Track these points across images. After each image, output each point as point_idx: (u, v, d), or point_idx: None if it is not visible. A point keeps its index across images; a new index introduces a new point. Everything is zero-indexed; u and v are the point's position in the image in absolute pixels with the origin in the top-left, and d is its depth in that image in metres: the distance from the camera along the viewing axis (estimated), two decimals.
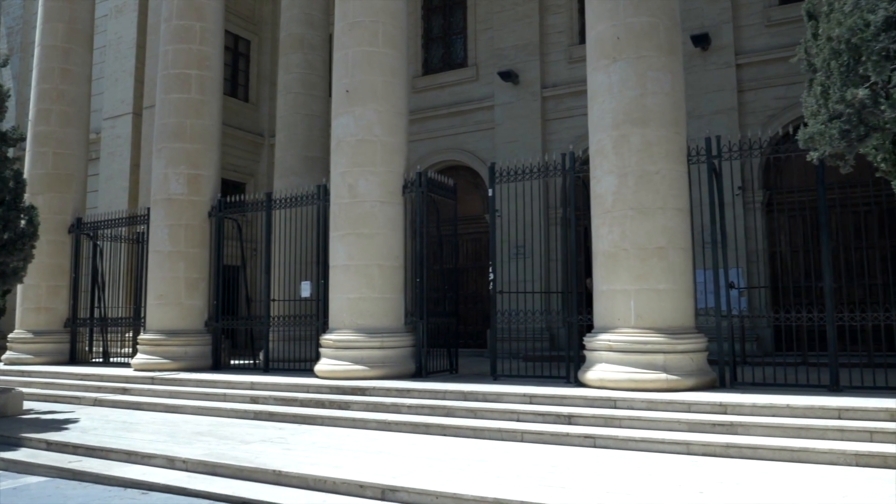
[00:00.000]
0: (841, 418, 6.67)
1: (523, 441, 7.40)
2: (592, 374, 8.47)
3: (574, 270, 9.54)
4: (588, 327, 9.19)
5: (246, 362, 13.06)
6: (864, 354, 9.77)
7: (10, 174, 9.98)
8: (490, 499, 5.18)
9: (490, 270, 10.22)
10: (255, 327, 13.09)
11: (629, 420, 7.30)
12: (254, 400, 9.90)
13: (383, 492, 5.66)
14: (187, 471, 6.79)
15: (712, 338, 8.63)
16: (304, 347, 11.85)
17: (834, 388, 7.84)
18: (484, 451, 6.92)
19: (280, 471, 6.27)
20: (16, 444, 8.23)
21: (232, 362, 13.15)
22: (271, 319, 12.14)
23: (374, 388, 9.35)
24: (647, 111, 8.57)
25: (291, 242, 12.09)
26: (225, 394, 10.33)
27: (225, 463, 6.64)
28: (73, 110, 15.32)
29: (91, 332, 15.13)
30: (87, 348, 15.09)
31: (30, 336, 14.51)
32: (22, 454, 7.76)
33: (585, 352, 8.83)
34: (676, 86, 8.83)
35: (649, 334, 8.20)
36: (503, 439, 7.51)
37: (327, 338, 10.46)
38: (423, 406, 8.60)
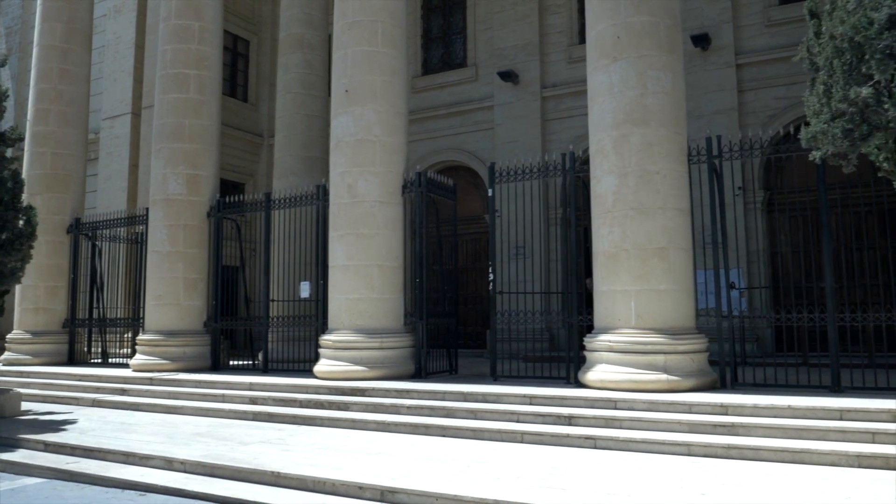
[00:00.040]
0: (843, 419, 6.64)
1: (523, 442, 7.37)
2: (593, 375, 8.44)
3: (574, 271, 9.51)
4: (588, 328, 9.16)
5: (245, 363, 13.02)
6: (865, 355, 9.75)
7: (9, 174, 9.96)
8: (490, 500, 5.15)
9: (490, 271, 10.19)
10: (254, 328, 13.06)
11: (630, 421, 7.27)
12: (253, 401, 9.87)
13: (382, 493, 5.63)
14: (185, 472, 6.76)
15: (713, 338, 8.60)
16: (304, 348, 11.82)
17: (835, 389, 7.80)
18: (484, 452, 6.89)
19: (279, 472, 6.24)
20: (13, 445, 8.19)
21: (231, 363, 13.12)
22: (270, 320, 12.11)
23: (374, 389, 9.32)
24: (648, 111, 8.54)
25: (290, 243, 12.06)
26: (224, 394, 10.30)
27: (223, 464, 6.61)
28: (72, 110, 15.29)
29: (90, 333, 15.10)
30: (86, 349, 15.06)
31: (28, 336, 14.49)
32: (19, 455, 7.73)
33: (586, 352, 8.80)
34: (677, 85, 8.80)
35: (650, 335, 8.17)
36: (503, 440, 7.49)
37: (326, 338, 10.43)
38: (423, 407, 8.57)
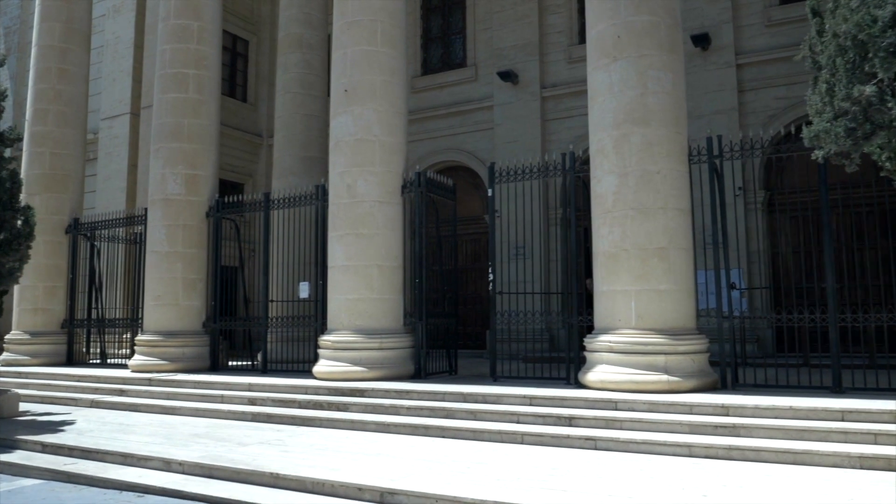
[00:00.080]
0: (844, 420, 6.60)
1: (523, 443, 7.34)
2: (593, 376, 8.40)
3: (574, 271, 9.48)
4: (588, 328, 9.13)
5: (244, 363, 12.99)
6: (866, 356, 9.71)
7: (7, 174, 9.92)
8: (490, 502, 5.11)
9: (489, 271, 10.16)
10: (254, 328, 13.02)
11: (630, 422, 7.23)
12: (252, 401, 9.83)
13: (382, 495, 5.60)
14: (184, 473, 6.72)
15: (713, 339, 8.57)
16: (303, 348, 11.78)
17: (836, 390, 7.77)
18: (483, 454, 6.86)
19: (278, 473, 6.20)
20: (11, 446, 8.15)
21: (230, 363, 13.09)
22: (269, 320, 12.08)
23: (373, 390, 9.28)
24: (648, 110, 8.51)
25: (290, 243, 12.02)
26: (222, 395, 10.26)
27: (222, 465, 6.57)
28: (71, 110, 15.27)
29: (88, 333, 15.07)
30: (85, 349, 15.03)
31: (27, 337, 14.46)
32: (17, 456, 7.69)
33: (586, 353, 8.77)
34: (678, 85, 8.77)
35: (650, 335, 8.14)
36: (503, 441, 7.45)
37: (326, 339, 10.40)
38: (423, 408, 8.53)
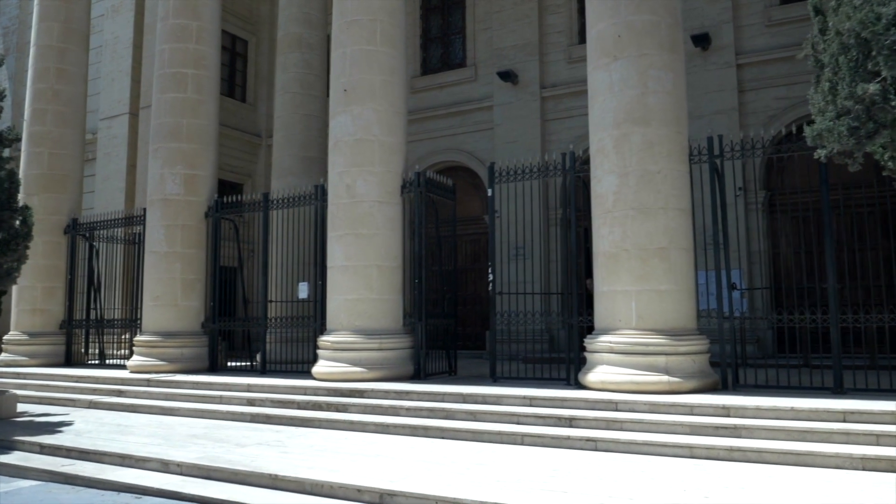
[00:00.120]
0: (846, 421, 6.57)
1: (523, 444, 7.30)
2: (593, 376, 8.37)
3: (574, 271, 9.45)
4: (588, 329, 9.09)
5: (243, 364, 12.95)
6: (867, 356, 9.67)
7: (5, 174, 9.89)
8: (490, 503, 5.08)
9: (489, 271, 10.13)
10: (253, 329, 12.98)
11: (631, 423, 7.20)
12: (250, 402, 9.79)
13: (381, 496, 5.56)
14: (182, 474, 6.68)
15: (714, 339, 8.54)
16: (302, 349, 11.74)
17: (838, 391, 7.74)
18: (483, 455, 6.82)
19: (276, 475, 6.17)
20: (8, 447, 8.11)
21: (229, 364, 13.05)
22: (269, 321, 12.05)
23: (373, 391, 9.25)
24: (649, 110, 8.48)
25: (289, 243, 11.99)
26: (221, 396, 10.21)
27: (220, 466, 6.54)
28: (69, 110, 15.24)
29: (87, 334, 15.03)
30: (83, 350, 14.98)
31: (25, 338, 14.42)
32: (14, 457, 7.65)
33: (586, 353, 8.73)
34: (678, 84, 8.74)
35: (651, 336, 8.11)
36: (503, 442, 7.42)
37: (325, 339, 10.36)
38: (422, 408, 8.49)
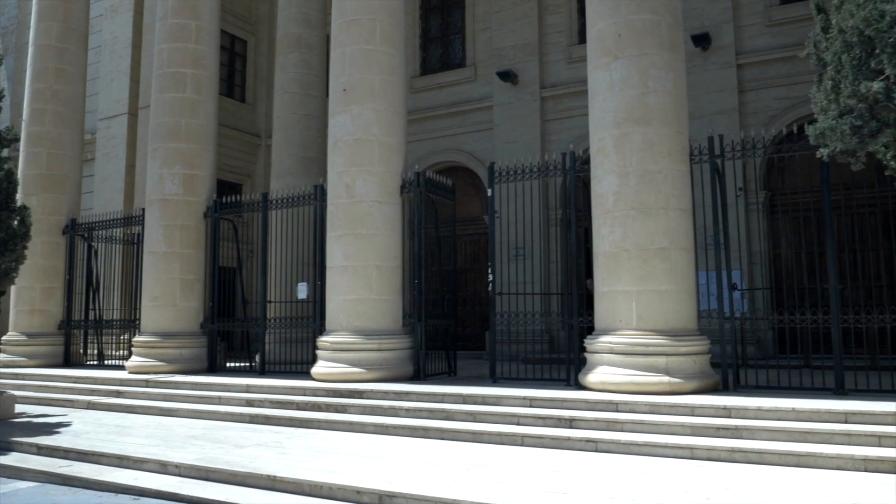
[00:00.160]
0: (848, 422, 6.53)
1: (523, 445, 7.27)
2: (593, 377, 8.33)
3: (574, 271, 9.41)
4: (588, 329, 9.06)
5: (242, 365, 12.91)
6: (868, 357, 9.64)
7: (3, 174, 9.84)
8: None
9: (489, 272, 10.09)
10: (252, 329, 12.94)
11: (631, 424, 7.17)
12: (249, 403, 9.75)
13: (381, 498, 5.53)
14: (180, 476, 6.65)
15: (714, 340, 8.50)
16: (301, 349, 11.70)
17: (839, 392, 7.70)
18: (483, 456, 6.79)
19: (275, 476, 6.13)
20: (6, 449, 8.07)
21: (228, 365, 13.01)
22: (267, 321, 12.02)
23: (372, 391, 9.21)
24: (649, 109, 8.44)
25: (288, 243, 11.95)
26: (220, 397, 10.17)
27: (218, 468, 6.50)
28: (68, 110, 15.18)
29: (85, 335, 14.98)
30: (82, 350, 14.93)
31: (23, 338, 14.37)
32: (12, 458, 7.61)
33: (586, 354, 8.70)
34: (678, 84, 8.70)
35: (651, 336, 8.08)
36: (503, 443, 7.38)
37: (324, 340, 10.32)
38: (422, 409, 8.46)
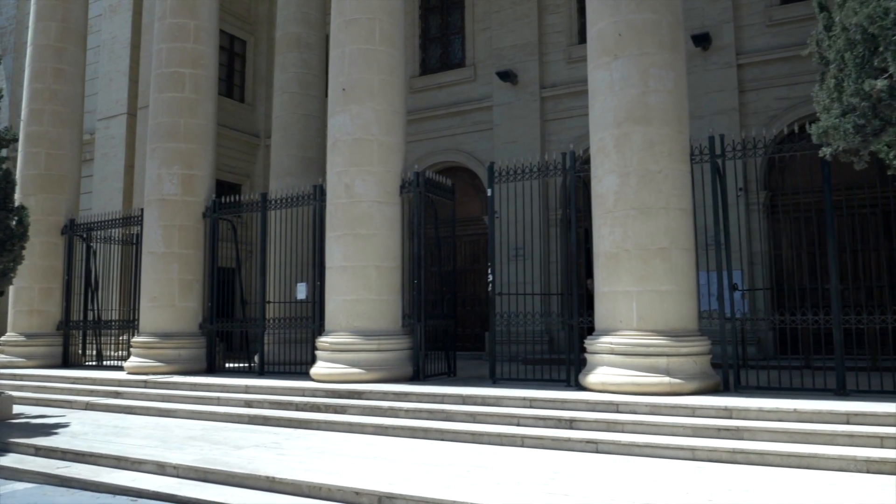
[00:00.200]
0: (850, 423, 6.50)
1: (523, 446, 7.23)
2: (594, 378, 8.30)
3: (574, 271, 9.38)
4: (588, 330, 9.02)
5: (241, 365, 12.86)
6: (868, 358, 9.60)
7: (0, 174, 9.80)
8: None
9: (489, 272, 10.05)
10: (251, 330, 12.90)
11: (632, 424, 7.13)
12: (248, 404, 9.72)
13: (380, 499, 5.49)
14: (178, 477, 6.61)
15: (715, 341, 8.47)
16: (300, 350, 11.67)
17: (841, 393, 7.66)
18: (483, 457, 6.75)
19: (273, 477, 6.09)
20: (3, 450, 8.03)
21: (227, 365, 12.95)
22: (266, 322, 11.98)
23: (371, 392, 9.17)
24: (650, 109, 8.41)
25: (287, 244, 11.92)
26: (219, 397, 10.13)
27: (217, 469, 6.47)
28: (67, 110, 15.13)
29: (84, 335, 14.93)
30: (81, 351, 14.88)
31: (22, 339, 14.32)
32: (9, 459, 7.57)
33: (586, 355, 8.66)
34: (679, 83, 8.67)
35: (652, 337, 8.04)
36: (503, 444, 7.35)
37: (323, 340, 10.28)
38: (421, 410, 8.42)
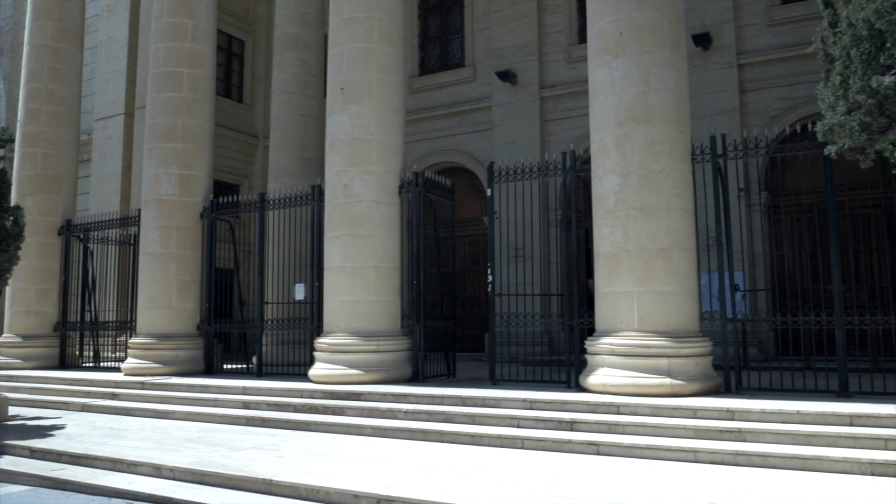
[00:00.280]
0: (853, 425, 6.44)
1: (524, 448, 7.16)
2: (594, 379, 8.23)
3: (575, 272, 9.31)
4: (589, 331, 8.96)
5: (239, 366, 12.79)
6: (869, 359, 9.55)
7: None
8: None
9: (488, 273, 9.99)
10: (249, 331, 12.83)
11: (633, 426, 7.07)
12: (246, 405, 9.65)
13: (379, 502, 5.42)
14: (174, 479, 6.54)
15: (716, 342, 8.41)
16: (299, 351, 11.60)
17: (843, 394, 7.60)
18: (483, 459, 6.69)
19: (271, 479, 6.03)
20: None
21: (224, 366, 12.88)
22: (265, 323, 11.91)
23: (370, 393, 9.10)
24: (651, 108, 8.35)
25: (285, 244, 11.85)
26: (216, 399, 10.06)
27: (214, 471, 6.40)
28: (64, 110, 15.04)
29: (81, 336, 14.84)
30: (78, 352, 14.80)
31: (18, 340, 14.23)
32: (4, 462, 7.50)
33: (587, 356, 8.60)
34: (680, 82, 8.61)
35: (653, 338, 7.98)
36: (503, 446, 7.28)
37: (322, 341, 10.22)
38: (420, 412, 8.35)
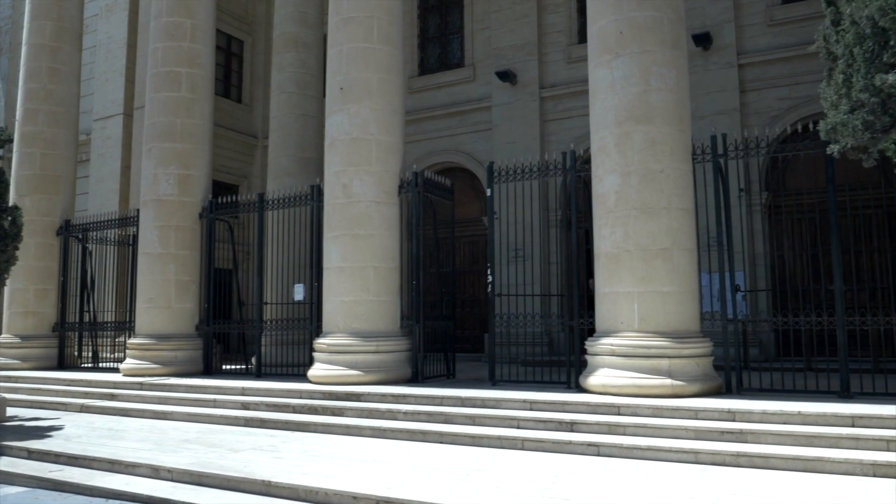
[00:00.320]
0: (855, 426, 6.40)
1: (524, 449, 7.13)
2: (594, 380, 8.20)
3: (575, 272, 9.28)
4: (589, 331, 8.93)
5: (238, 367, 12.76)
6: (871, 359, 9.52)
7: None
8: None
9: (488, 273, 9.96)
10: (248, 331, 12.80)
11: (634, 427, 7.04)
12: (245, 406, 9.62)
13: (378, 503, 5.38)
14: (173, 480, 6.51)
15: (717, 342, 8.38)
16: (298, 352, 11.57)
17: (844, 395, 7.57)
18: (483, 460, 6.65)
19: (270, 481, 5.99)
20: None
21: (223, 367, 12.84)
22: (264, 323, 11.88)
23: (369, 394, 9.07)
24: (651, 108, 8.32)
25: (284, 244, 11.82)
26: (215, 400, 10.02)
27: (212, 472, 6.36)
28: (62, 110, 15.01)
29: (80, 337, 14.81)
30: (76, 353, 14.77)
31: (17, 341, 14.20)
32: (2, 463, 7.46)
33: (587, 356, 8.56)
34: (681, 82, 8.59)
35: (654, 338, 7.95)
36: (503, 447, 7.24)
37: (321, 342, 10.18)
38: (420, 412, 8.31)
